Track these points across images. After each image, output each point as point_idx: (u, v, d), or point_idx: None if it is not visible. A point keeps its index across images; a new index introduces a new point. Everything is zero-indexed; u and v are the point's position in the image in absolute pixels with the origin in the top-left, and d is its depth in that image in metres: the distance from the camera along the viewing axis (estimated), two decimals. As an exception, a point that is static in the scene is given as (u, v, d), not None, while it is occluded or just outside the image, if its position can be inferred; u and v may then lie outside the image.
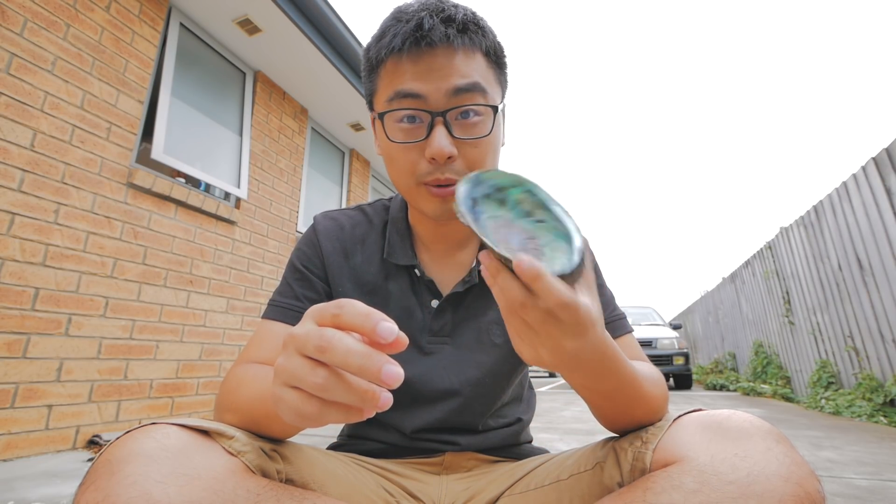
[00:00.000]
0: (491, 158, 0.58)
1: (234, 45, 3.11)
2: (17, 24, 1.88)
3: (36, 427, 1.82)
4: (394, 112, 0.55)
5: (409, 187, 0.58)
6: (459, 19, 0.54)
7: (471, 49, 0.55)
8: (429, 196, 0.57)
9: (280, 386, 0.31)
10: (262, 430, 0.46)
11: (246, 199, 3.11)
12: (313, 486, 0.47)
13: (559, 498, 0.52)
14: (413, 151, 0.55)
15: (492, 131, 0.56)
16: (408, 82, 0.53)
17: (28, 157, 1.87)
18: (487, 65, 0.57)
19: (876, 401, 3.44)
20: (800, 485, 0.35)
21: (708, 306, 9.21)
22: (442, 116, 0.53)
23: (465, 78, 0.54)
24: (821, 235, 4.41)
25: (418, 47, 0.53)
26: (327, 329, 0.29)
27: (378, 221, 0.70)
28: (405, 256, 0.65)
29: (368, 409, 0.29)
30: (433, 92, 0.53)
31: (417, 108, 0.54)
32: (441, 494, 0.60)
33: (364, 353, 0.28)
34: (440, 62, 0.53)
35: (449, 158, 0.54)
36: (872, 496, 1.44)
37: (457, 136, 0.54)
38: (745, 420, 0.41)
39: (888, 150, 3.34)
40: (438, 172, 0.55)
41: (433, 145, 0.53)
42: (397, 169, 0.58)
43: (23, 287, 1.82)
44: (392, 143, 0.56)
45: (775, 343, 5.85)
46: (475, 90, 0.54)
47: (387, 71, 0.56)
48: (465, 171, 0.55)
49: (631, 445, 0.46)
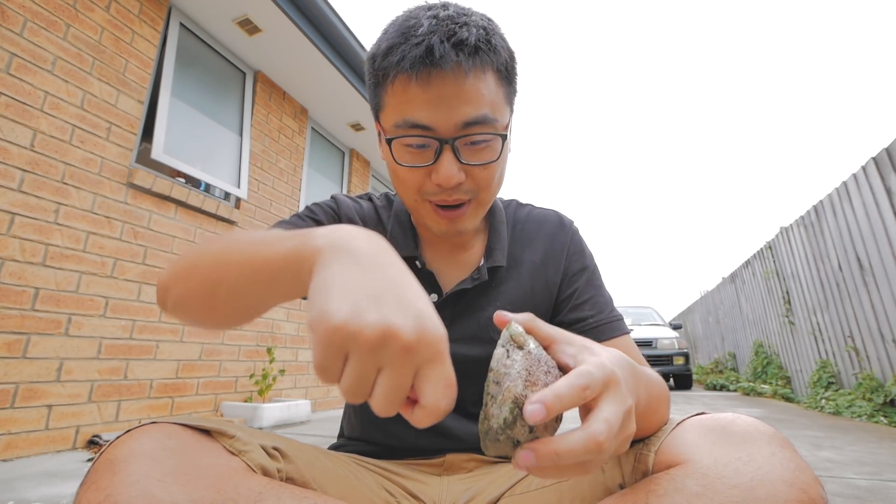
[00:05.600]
0: (498, 178, 0.59)
1: (234, 44, 3.11)
2: (17, 24, 1.87)
3: (36, 427, 1.82)
4: (402, 138, 0.55)
5: (415, 202, 0.59)
6: (472, 43, 0.52)
7: (481, 69, 0.53)
8: (434, 215, 0.58)
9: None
10: (217, 298, 0.42)
11: (246, 199, 3.11)
12: (314, 486, 0.47)
13: (560, 499, 0.52)
14: (420, 172, 0.56)
15: (500, 156, 0.56)
16: (417, 111, 0.53)
17: (28, 157, 1.87)
18: (497, 82, 0.56)
19: (876, 401, 3.44)
20: (804, 490, 0.35)
21: (708, 306, 9.21)
22: (450, 144, 0.53)
23: (474, 108, 0.53)
24: (821, 235, 4.41)
25: (427, 73, 0.51)
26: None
27: (383, 212, 0.71)
28: (406, 248, 0.66)
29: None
30: (443, 122, 0.52)
31: (426, 136, 0.53)
32: (442, 495, 0.60)
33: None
34: (449, 89, 0.52)
35: (458, 183, 0.55)
36: (872, 496, 1.44)
37: (465, 162, 0.54)
38: (750, 424, 0.41)
39: (888, 150, 3.34)
40: (445, 194, 0.55)
41: (441, 173, 0.53)
42: (403, 186, 0.58)
43: (23, 287, 1.82)
44: (399, 165, 0.56)
45: (775, 343, 5.85)
46: (485, 122, 0.53)
47: (395, 90, 0.54)
48: (474, 192, 0.57)
49: (633, 447, 0.45)
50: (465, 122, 0.53)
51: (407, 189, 0.58)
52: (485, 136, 0.54)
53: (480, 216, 0.61)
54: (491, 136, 0.54)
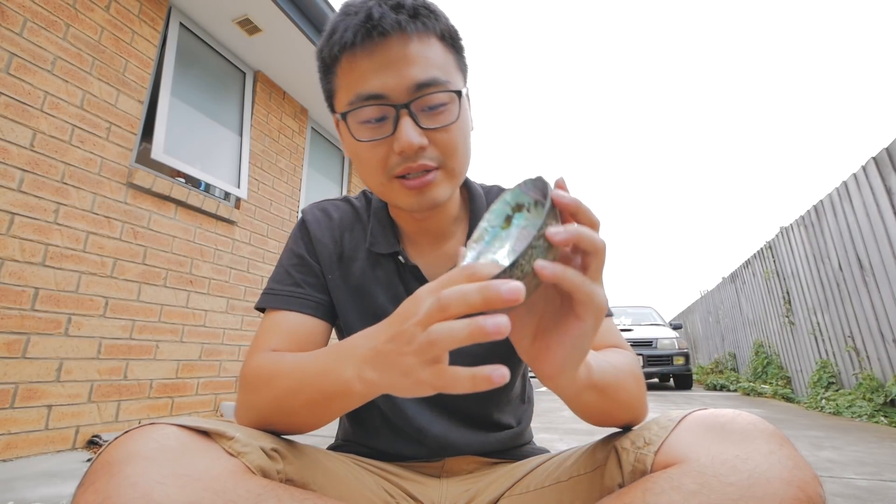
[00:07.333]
0: (462, 143, 0.57)
1: (234, 44, 3.11)
2: (17, 23, 1.87)
3: (36, 427, 1.82)
4: (356, 111, 0.54)
5: (382, 184, 0.57)
6: (409, 4, 0.53)
7: (425, 34, 0.54)
8: (403, 190, 0.56)
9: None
10: (295, 420, 0.49)
11: (246, 199, 3.11)
12: (313, 487, 0.47)
13: (559, 499, 0.52)
14: (381, 148, 0.54)
15: (459, 116, 0.55)
16: (367, 82, 0.52)
17: (28, 157, 1.87)
18: (444, 49, 0.56)
19: (876, 401, 3.44)
20: (801, 489, 0.34)
21: (708, 306, 9.21)
22: (406, 108, 0.52)
23: (423, 70, 0.52)
24: (821, 235, 4.41)
25: (371, 39, 0.51)
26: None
27: (363, 212, 0.71)
28: (388, 244, 0.65)
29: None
30: (394, 87, 0.52)
31: (380, 104, 0.52)
32: (441, 496, 0.60)
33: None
34: (396, 52, 0.52)
35: (420, 149, 0.53)
36: (872, 496, 1.44)
37: (424, 127, 0.53)
38: (749, 422, 0.41)
39: (888, 150, 3.34)
40: (410, 161, 0.54)
41: (401, 139, 0.52)
42: (367, 167, 0.57)
43: (22, 287, 1.82)
44: (359, 142, 0.55)
45: (775, 343, 5.85)
46: (437, 83, 0.53)
47: (343, 70, 0.54)
48: (440, 158, 0.55)
49: (633, 446, 0.45)
50: (416, 83, 0.52)
51: (372, 171, 0.56)
52: (440, 98, 0.54)
53: (453, 188, 0.59)
54: (446, 94, 0.54)
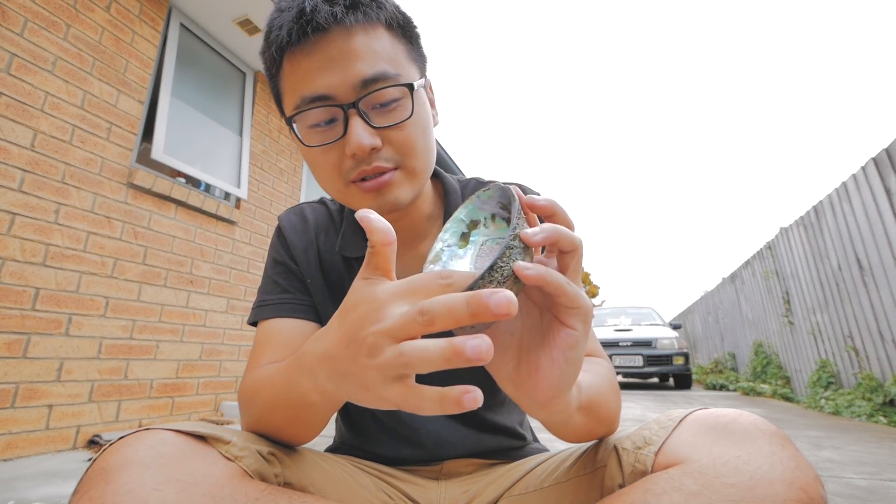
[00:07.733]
0: (422, 140, 0.53)
1: (234, 45, 3.11)
2: (17, 24, 1.87)
3: (36, 427, 1.83)
4: (302, 115, 0.51)
5: (339, 191, 0.54)
6: None
7: (369, 25, 0.50)
8: (361, 194, 0.53)
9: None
10: (283, 435, 0.47)
11: (246, 199, 3.11)
12: (312, 490, 0.47)
13: (559, 500, 0.51)
14: (333, 152, 0.52)
15: (413, 111, 0.52)
16: (310, 83, 0.49)
17: (28, 157, 1.87)
18: (393, 39, 0.52)
19: (876, 401, 3.44)
20: (803, 490, 0.34)
21: (708, 306, 9.20)
22: (355, 108, 0.49)
23: (369, 64, 0.49)
24: (821, 235, 4.41)
25: (307, 36, 0.48)
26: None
27: (336, 214, 0.69)
28: (357, 248, 0.64)
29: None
30: (339, 86, 0.49)
31: (327, 105, 0.49)
32: (440, 498, 0.60)
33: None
34: (337, 48, 0.48)
35: (373, 150, 0.50)
36: (872, 496, 1.44)
37: (376, 126, 0.50)
38: (751, 422, 0.40)
39: (888, 150, 3.34)
40: (364, 164, 0.51)
41: (352, 141, 0.49)
42: (322, 174, 0.54)
43: (23, 287, 1.82)
44: (310, 148, 0.52)
45: (775, 343, 5.85)
46: (385, 77, 0.50)
47: (285, 72, 0.51)
48: (397, 158, 0.52)
49: (633, 446, 0.45)
50: (362, 80, 0.49)
51: (329, 177, 0.54)
52: (391, 94, 0.50)
53: (415, 188, 0.55)
54: (397, 89, 0.50)
